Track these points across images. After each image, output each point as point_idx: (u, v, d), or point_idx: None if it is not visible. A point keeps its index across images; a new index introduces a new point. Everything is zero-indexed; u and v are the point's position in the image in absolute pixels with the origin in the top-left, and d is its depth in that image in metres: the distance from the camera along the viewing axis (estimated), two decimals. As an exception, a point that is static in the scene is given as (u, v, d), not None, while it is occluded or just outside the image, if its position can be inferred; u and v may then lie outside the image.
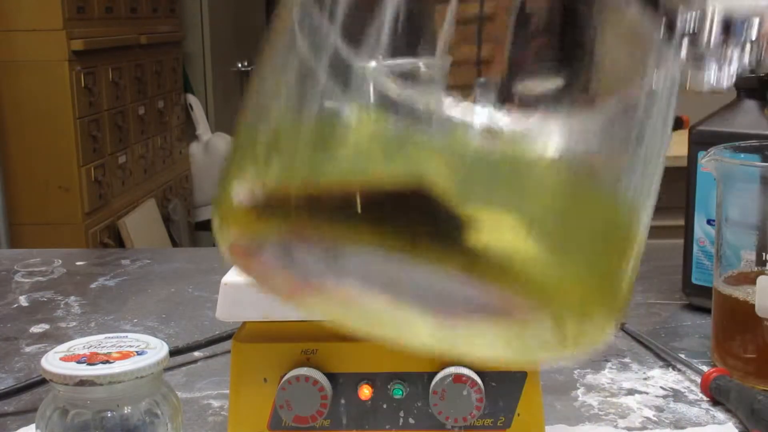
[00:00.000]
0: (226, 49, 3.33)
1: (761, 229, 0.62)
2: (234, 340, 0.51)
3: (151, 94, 2.68)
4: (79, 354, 0.46)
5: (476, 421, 0.50)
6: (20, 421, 0.61)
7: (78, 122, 2.16)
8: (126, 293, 0.90)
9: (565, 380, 0.66)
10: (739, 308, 0.63)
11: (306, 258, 0.29)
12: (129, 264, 1.01)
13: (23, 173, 2.15)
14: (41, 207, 2.16)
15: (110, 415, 0.45)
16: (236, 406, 0.51)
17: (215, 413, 0.61)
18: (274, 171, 0.28)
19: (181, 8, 3.08)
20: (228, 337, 0.72)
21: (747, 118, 0.75)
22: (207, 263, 1.01)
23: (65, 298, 0.89)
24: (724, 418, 0.59)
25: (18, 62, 2.12)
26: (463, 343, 0.33)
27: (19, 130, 2.14)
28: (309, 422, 0.49)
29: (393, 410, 0.50)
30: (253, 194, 0.28)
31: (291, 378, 0.49)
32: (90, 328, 0.80)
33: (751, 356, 0.63)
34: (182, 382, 0.67)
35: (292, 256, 0.29)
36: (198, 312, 0.84)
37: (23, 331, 0.79)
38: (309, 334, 0.50)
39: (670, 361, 0.69)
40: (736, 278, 0.64)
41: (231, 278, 0.51)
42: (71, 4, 2.16)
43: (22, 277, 0.97)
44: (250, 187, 0.28)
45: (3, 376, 0.69)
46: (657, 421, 0.59)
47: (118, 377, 0.44)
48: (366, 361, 0.50)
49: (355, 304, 0.32)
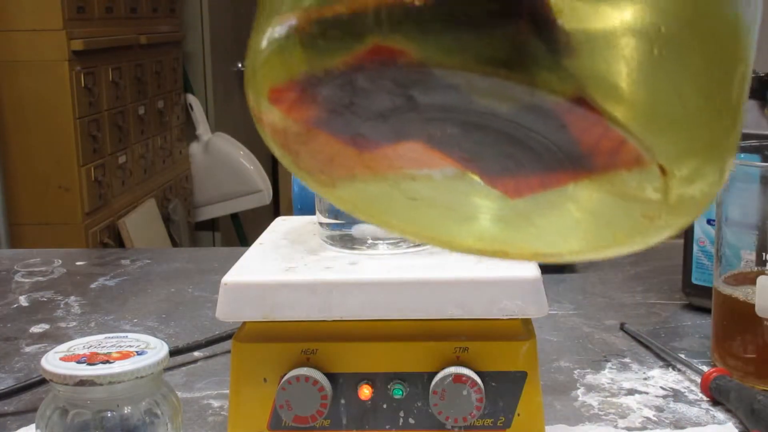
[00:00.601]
0: (226, 49, 3.33)
1: (761, 229, 0.62)
2: (234, 340, 0.51)
3: (151, 94, 2.68)
4: (79, 354, 0.46)
5: (476, 421, 0.50)
6: (20, 421, 0.61)
7: (78, 122, 2.16)
8: (126, 293, 0.90)
9: (565, 380, 0.66)
10: (739, 308, 0.63)
11: (376, 95, 0.24)
12: (129, 264, 1.01)
13: (23, 173, 2.15)
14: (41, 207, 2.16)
15: (110, 415, 0.45)
16: (236, 406, 0.51)
17: (215, 413, 0.61)
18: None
19: (181, 8, 3.08)
20: (228, 337, 0.72)
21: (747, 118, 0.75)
22: (207, 263, 1.01)
23: (65, 298, 0.89)
24: (724, 418, 0.59)
25: (18, 62, 2.12)
26: (523, 229, 0.28)
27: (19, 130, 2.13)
28: (309, 422, 0.49)
29: (393, 410, 0.50)
30: (308, 18, 0.23)
31: (291, 378, 0.49)
32: (90, 328, 0.80)
33: (751, 356, 0.63)
34: (182, 382, 0.67)
35: (359, 93, 0.24)
36: (198, 312, 0.84)
37: (23, 331, 0.79)
38: (309, 334, 0.50)
39: (670, 361, 0.69)
40: (736, 278, 0.64)
41: (231, 278, 0.51)
42: (71, 4, 2.16)
43: (22, 277, 0.97)
44: (300, 14, 0.23)
45: (3, 376, 0.69)
46: (657, 421, 0.59)
47: (118, 377, 0.44)
48: (366, 361, 0.50)
49: (402, 182, 0.28)
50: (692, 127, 0.24)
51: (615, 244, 0.28)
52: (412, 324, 0.50)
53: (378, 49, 0.22)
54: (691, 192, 0.25)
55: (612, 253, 0.28)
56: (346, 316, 0.50)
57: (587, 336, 0.75)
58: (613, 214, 0.27)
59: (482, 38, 0.21)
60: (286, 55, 0.24)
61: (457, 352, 0.50)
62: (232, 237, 3.27)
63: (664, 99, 0.23)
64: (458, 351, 0.50)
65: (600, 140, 0.23)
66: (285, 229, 0.62)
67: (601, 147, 0.24)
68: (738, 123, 0.25)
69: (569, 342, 0.74)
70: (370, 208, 0.30)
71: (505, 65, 0.22)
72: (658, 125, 0.23)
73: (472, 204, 0.29)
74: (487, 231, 0.30)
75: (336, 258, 0.54)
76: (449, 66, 0.22)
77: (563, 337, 0.75)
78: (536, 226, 0.29)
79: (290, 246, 0.57)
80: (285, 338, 0.50)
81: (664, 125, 0.23)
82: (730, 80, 0.25)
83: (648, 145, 0.23)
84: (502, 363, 0.50)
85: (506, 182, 0.27)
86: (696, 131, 0.24)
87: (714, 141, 0.24)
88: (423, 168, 0.28)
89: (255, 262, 0.54)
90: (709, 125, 0.24)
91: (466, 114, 0.24)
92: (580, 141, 0.24)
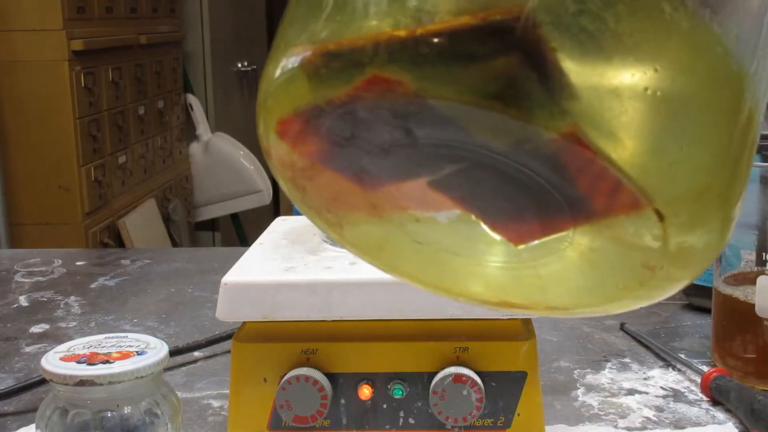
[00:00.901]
0: (226, 49, 3.33)
1: (761, 229, 0.62)
2: (234, 340, 0.51)
3: (151, 94, 2.68)
4: (79, 354, 0.46)
5: (476, 421, 0.50)
6: (20, 421, 0.61)
7: (78, 122, 2.16)
8: (126, 293, 0.90)
9: (565, 380, 0.66)
10: (739, 308, 0.63)
11: (375, 125, 0.24)
12: (129, 264, 1.01)
13: (23, 173, 2.15)
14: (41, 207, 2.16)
15: (110, 415, 0.45)
16: (236, 406, 0.51)
17: (215, 413, 0.61)
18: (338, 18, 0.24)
19: (181, 8, 3.08)
20: (228, 337, 0.72)
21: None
22: (207, 263, 1.01)
23: (65, 298, 0.89)
24: (724, 418, 0.59)
25: (18, 62, 2.12)
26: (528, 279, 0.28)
27: (19, 130, 2.13)
28: (309, 422, 0.49)
29: (393, 410, 0.50)
30: (315, 51, 0.24)
31: (291, 378, 0.49)
32: (90, 328, 0.80)
33: (751, 356, 0.63)
34: (182, 382, 0.67)
35: (359, 124, 0.25)
36: (198, 312, 0.84)
37: (23, 331, 0.79)
38: (309, 334, 0.50)
39: (670, 361, 0.69)
40: (736, 278, 0.64)
41: (231, 278, 0.51)
42: (71, 4, 2.16)
43: (22, 277, 0.97)
44: (309, 46, 0.24)
45: (3, 376, 0.69)
46: (657, 421, 0.59)
47: (118, 377, 0.44)
48: (366, 361, 0.50)
49: (407, 224, 0.28)
50: (689, 171, 0.23)
51: (619, 296, 0.28)
52: (412, 324, 0.50)
53: (376, 79, 0.23)
54: (692, 241, 0.25)
55: (618, 307, 0.28)
56: (346, 316, 0.50)
57: (587, 336, 0.75)
58: (614, 263, 0.27)
59: (476, 71, 0.22)
60: (292, 86, 0.24)
61: (457, 352, 0.50)
62: (232, 237, 3.27)
63: (659, 141, 0.23)
64: (458, 351, 0.50)
65: (596, 181, 0.23)
66: (285, 229, 0.62)
67: (597, 189, 0.24)
68: (741, 172, 0.25)
69: (569, 342, 0.74)
70: (377, 251, 0.30)
71: (498, 98, 0.22)
72: (652, 167, 0.23)
73: (478, 251, 0.29)
74: (493, 280, 0.30)
75: (336, 258, 0.54)
76: (444, 97, 0.22)
77: (563, 337, 0.75)
78: (541, 278, 0.29)
79: (290, 246, 0.57)
80: (285, 338, 0.50)
81: (659, 168, 0.23)
82: (729, 129, 0.24)
83: (643, 187, 0.23)
84: (502, 363, 0.50)
85: (509, 227, 0.28)
86: (693, 176, 0.24)
87: (713, 188, 0.24)
88: (427, 209, 0.28)
89: (255, 262, 0.54)
90: (707, 171, 0.24)
91: (464, 150, 0.24)
92: (576, 182, 0.24)
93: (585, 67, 0.22)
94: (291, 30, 0.25)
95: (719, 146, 0.24)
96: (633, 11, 0.22)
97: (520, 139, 0.23)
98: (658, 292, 0.27)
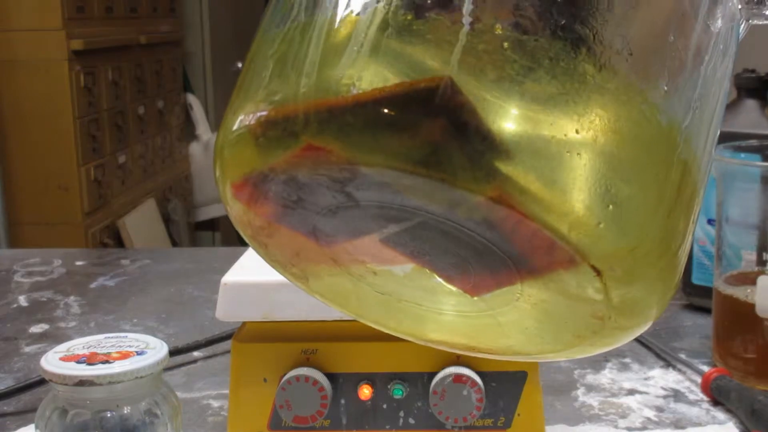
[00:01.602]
0: (226, 49, 3.33)
1: (761, 228, 0.62)
2: (234, 340, 0.51)
3: (150, 94, 2.68)
4: (78, 354, 0.46)
5: (476, 421, 0.49)
6: (20, 421, 0.61)
7: (77, 122, 2.16)
8: (126, 293, 0.90)
9: (565, 380, 0.66)
10: (740, 308, 0.63)
11: (318, 190, 0.25)
12: (129, 264, 1.01)
13: (23, 173, 2.15)
14: (41, 207, 2.16)
15: (110, 415, 0.45)
16: (236, 406, 0.51)
17: (215, 413, 0.61)
18: (276, 86, 0.24)
19: (181, 8, 3.07)
20: (228, 337, 0.71)
21: (747, 118, 0.75)
22: (207, 263, 1.01)
23: (65, 298, 0.88)
24: (724, 418, 0.59)
25: (17, 62, 2.12)
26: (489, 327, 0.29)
27: (18, 130, 2.13)
28: (309, 422, 0.49)
29: (393, 410, 0.50)
30: (256, 117, 0.25)
31: (291, 378, 0.49)
32: (90, 328, 0.80)
33: (751, 356, 0.63)
34: (182, 382, 0.67)
35: (303, 188, 0.25)
36: (198, 312, 0.84)
37: (23, 331, 0.79)
38: (309, 334, 0.50)
39: (671, 361, 0.69)
40: (736, 278, 0.64)
41: (231, 278, 0.51)
42: (71, 3, 2.16)
43: (22, 277, 0.97)
44: (252, 110, 0.25)
45: (2, 376, 0.69)
46: (657, 422, 0.59)
47: (118, 377, 0.44)
48: (366, 361, 0.50)
49: (366, 276, 0.29)
50: (617, 230, 0.24)
51: (576, 344, 0.28)
52: (412, 324, 0.50)
53: (310, 147, 0.23)
54: (633, 293, 0.25)
55: (579, 353, 0.29)
56: (346, 316, 0.50)
57: (587, 336, 0.75)
58: (565, 314, 0.27)
59: (400, 138, 0.22)
60: (241, 150, 0.25)
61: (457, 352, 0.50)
62: (232, 237, 3.27)
63: (585, 201, 0.23)
64: (458, 351, 0.50)
65: (531, 240, 0.24)
66: (285, 229, 0.62)
67: (533, 246, 0.24)
68: (676, 225, 0.25)
69: (569, 342, 0.73)
70: (344, 301, 0.31)
71: (424, 164, 0.22)
72: (581, 226, 0.23)
73: (437, 300, 0.30)
74: (456, 328, 0.30)
75: (336, 258, 0.54)
76: (374, 164, 0.23)
77: (563, 337, 0.75)
78: (500, 325, 0.29)
79: (290, 246, 0.57)
80: (285, 338, 0.50)
81: (588, 226, 0.23)
82: (659, 185, 0.25)
83: (575, 245, 0.23)
84: (502, 363, 0.50)
85: (462, 279, 0.28)
86: (622, 234, 0.24)
87: (644, 244, 0.24)
88: (382, 263, 0.29)
89: (255, 262, 0.54)
90: (637, 229, 0.24)
91: (403, 211, 0.25)
92: (512, 240, 0.24)
93: (508, 131, 0.22)
94: (244, 88, 0.26)
95: (647, 203, 0.24)
96: (554, 76, 0.23)
97: (452, 203, 0.23)
98: (612, 340, 0.27)
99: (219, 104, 3.24)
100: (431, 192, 0.23)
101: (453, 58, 0.22)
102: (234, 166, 0.26)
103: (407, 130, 0.22)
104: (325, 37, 0.24)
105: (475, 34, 0.23)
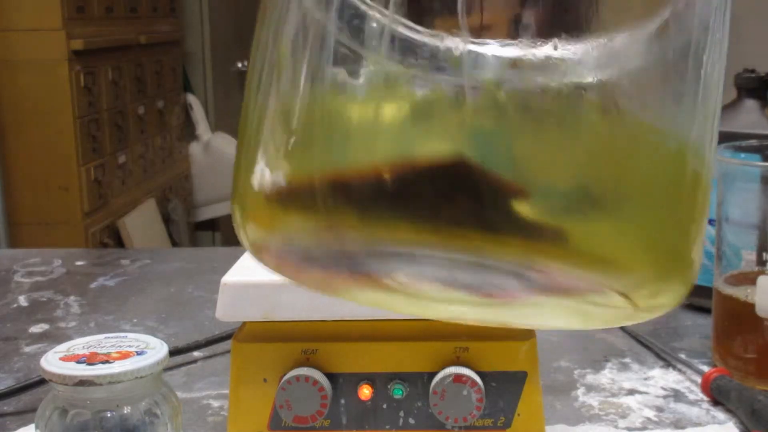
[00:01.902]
0: (226, 49, 3.32)
1: (761, 228, 0.62)
2: (234, 340, 0.51)
3: (150, 94, 2.68)
4: (78, 354, 0.46)
5: (476, 421, 0.50)
6: (20, 421, 0.61)
7: (77, 122, 2.16)
8: (126, 293, 0.90)
9: (565, 380, 0.66)
10: (740, 308, 0.63)
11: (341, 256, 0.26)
12: (129, 264, 1.01)
13: (23, 173, 2.15)
14: (41, 207, 2.16)
15: (110, 415, 0.45)
16: (236, 406, 0.51)
17: (215, 413, 0.61)
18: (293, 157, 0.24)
19: (181, 8, 3.07)
20: (228, 337, 0.71)
21: (747, 118, 0.75)
22: (207, 263, 1.01)
23: (65, 298, 0.88)
24: (724, 418, 0.59)
25: (17, 62, 2.12)
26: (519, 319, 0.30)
27: (18, 130, 2.13)
28: (309, 422, 0.49)
29: (393, 410, 0.50)
30: (275, 185, 0.25)
31: (291, 378, 0.49)
32: (90, 328, 0.80)
33: (751, 356, 0.63)
34: (182, 382, 0.67)
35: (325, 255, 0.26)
36: (198, 312, 0.84)
37: (23, 331, 0.79)
38: (309, 334, 0.50)
39: (671, 361, 0.69)
40: (736, 278, 0.64)
41: (231, 278, 0.51)
42: (71, 3, 2.16)
43: (22, 277, 0.96)
44: (272, 178, 0.25)
45: (3, 376, 0.69)
46: (657, 422, 0.59)
47: (118, 377, 0.44)
48: (366, 361, 0.50)
49: (402, 293, 0.29)
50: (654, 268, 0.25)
51: (605, 324, 0.29)
52: (412, 324, 0.50)
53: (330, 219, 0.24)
54: (660, 302, 0.26)
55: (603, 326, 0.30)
56: (346, 316, 0.50)
57: (587, 336, 0.75)
58: (593, 312, 0.28)
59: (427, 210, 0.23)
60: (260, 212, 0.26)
61: (457, 352, 0.50)
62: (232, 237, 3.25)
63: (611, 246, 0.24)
64: (458, 351, 0.50)
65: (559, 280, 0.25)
66: (285, 229, 0.62)
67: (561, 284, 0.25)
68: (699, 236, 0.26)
69: (569, 342, 0.73)
70: (374, 305, 0.32)
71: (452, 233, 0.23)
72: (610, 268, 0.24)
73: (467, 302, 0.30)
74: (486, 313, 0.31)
75: (336, 258, 0.54)
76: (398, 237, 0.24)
77: (563, 336, 0.75)
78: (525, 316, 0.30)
79: (290, 246, 0.57)
80: (285, 338, 0.50)
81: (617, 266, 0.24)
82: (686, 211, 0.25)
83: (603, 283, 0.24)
84: (502, 363, 0.50)
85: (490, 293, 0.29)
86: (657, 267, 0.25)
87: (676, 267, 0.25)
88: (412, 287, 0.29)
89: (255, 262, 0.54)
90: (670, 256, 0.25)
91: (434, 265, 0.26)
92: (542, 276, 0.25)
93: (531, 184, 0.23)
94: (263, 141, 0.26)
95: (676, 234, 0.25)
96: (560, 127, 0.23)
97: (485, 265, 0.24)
98: (641, 320, 0.28)
99: (219, 104, 3.24)
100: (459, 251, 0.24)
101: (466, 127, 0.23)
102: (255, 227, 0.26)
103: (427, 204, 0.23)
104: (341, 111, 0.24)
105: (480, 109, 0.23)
